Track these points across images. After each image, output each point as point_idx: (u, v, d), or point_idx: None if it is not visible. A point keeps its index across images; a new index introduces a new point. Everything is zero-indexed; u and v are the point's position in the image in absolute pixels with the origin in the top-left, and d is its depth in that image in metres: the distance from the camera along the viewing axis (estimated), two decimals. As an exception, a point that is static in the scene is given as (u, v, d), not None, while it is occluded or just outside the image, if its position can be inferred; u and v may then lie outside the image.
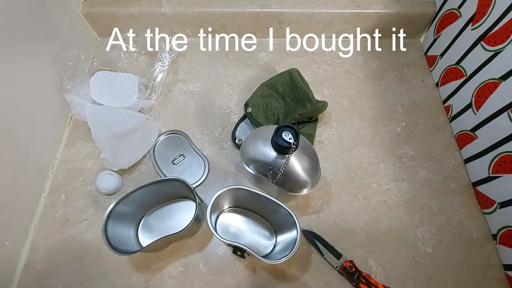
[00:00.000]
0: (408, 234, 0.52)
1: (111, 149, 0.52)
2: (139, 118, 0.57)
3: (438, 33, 0.65)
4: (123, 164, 0.55)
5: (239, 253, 0.48)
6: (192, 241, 0.51)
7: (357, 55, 0.71)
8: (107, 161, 0.53)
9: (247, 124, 0.61)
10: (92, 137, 0.55)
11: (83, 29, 0.69)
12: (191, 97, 0.65)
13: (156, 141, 0.59)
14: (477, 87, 0.53)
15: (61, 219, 0.54)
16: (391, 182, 0.57)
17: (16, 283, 0.49)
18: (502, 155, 0.49)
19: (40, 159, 0.57)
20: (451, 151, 0.59)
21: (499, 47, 0.49)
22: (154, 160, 0.57)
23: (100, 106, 0.57)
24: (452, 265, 0.50)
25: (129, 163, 0.56)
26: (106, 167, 0.55)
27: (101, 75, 0.60)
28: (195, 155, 0.58)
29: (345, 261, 0.49)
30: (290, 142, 0.40)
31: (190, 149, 0.58)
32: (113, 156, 0.53)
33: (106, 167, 0.55)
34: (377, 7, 0.67)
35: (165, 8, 0.67)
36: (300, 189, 0.46)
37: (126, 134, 0.54)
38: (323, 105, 0.56)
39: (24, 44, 0.51)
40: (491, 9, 0.50)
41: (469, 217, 0.54)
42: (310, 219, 0.53)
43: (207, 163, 0.57)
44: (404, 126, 0.62)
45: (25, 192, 0.53)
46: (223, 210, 0.52)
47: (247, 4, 0.67)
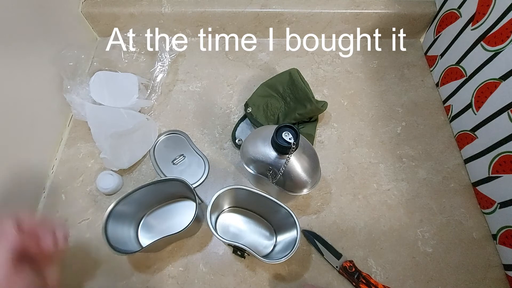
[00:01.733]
0: (408, 234, 0.52)
1: (111, 149, 0.52)
2: (139, 118, 0.57)
3: (438, 33, 0.65)
4: (123, 164, 0.55)
5: (239, 253, 0.48)
6: (192, 241, 0.51)
7: (357, 55, 0.71)
8: (107, 161, 0.53)
9: (247, 124, 0.61)
10: (92, 137, 0.55)
11: (83, 29, 0.69)
12: (191, 97, 0.66)
13: (156, 141, 0.59)
14: (477, 87, 0.53)
15: (61, 219, 0.54)
16: (391, 182, 0.57)
17: (16, 283, 0.49)
18: (502, 155, 0.49)
19: (40, 159, 0.57)
20: (451, 151, 0.59)
21: (499, 47, 0.49)
22: (154, 160, 0.57)
23: (100, 106, 0.57)
24: (452, 265, 0.50)
25: (130, 163, 0.56)
26: (106, 167, 0.55)
27: (101, 75, 0.60)
28: (195, 155, 0.58)
29: (345, 261, 0.49)
30: (290, 142, 0.40)
31: (190, 149, 0.58)
32: (113, 156, 0.53)
33: (106, 167, 0.55)
34: (377, 7, 0.67)
35: (165, 8, 0.67)
36: (300, 189, 0.46)
37: (126, 134, 0.54)
38: (323, 105, 0.56)
39: (24, 44, 0.51)
40: (491, 9, 0.50)
41: (469, 217, 0.54)
42: (310, 219, 0.53)
43: (207, 163, 0.57)
44: (404, 126, 0.62)
45: (25, 192, 0.53)
46: (223, 210, 0.52)
47: (247, 4, 0.67)
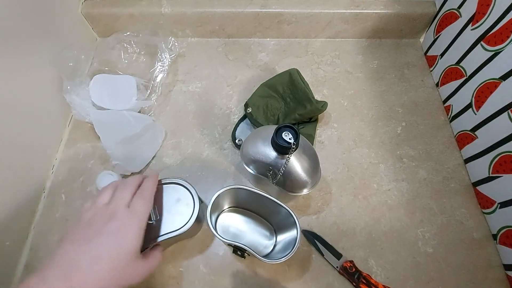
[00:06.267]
0: (409, 234, 0.52)
1: (123, 155, 0.53)
2: (145, 120, 0.57)
3: (438, 33, 0.65)
4: (135, 167, 0.56)
5: (239, 253, 0.48)
6: (192, 242, 0.51)
7: (357, 55, 0.71)
8: (120, 167, 0.54)
9: (247, 124, 0.61)
10: (102, 145, 0.55)
11: (83, 29, 0.69)
12: (191, 97, 0.66)
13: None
14: (477, 87, 0.53)
15: (61, 219, 0.54)
16: (391, 182, 0.56)
17: (16, 283, 0.49)
18: (502, 155, 0.48)
19: (40, 159, 0.57)
20: (451, 151, 0.59)
21: (499, 47, 0.49)
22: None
23: (104, 111, 0.58)
24: (453, 265, 0.50)
25: (141, 166, 0.57)
26: (120, 173, 0.55)
27: (99, 79, 0.60)
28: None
29: (345, 261, 0.49)
30: (290, 142, 0.40)
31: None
32: (126, 161, 0.53)
33: (119, 173, 0.55)
34: (377, 7, 0.67)
35: (165, 8, 0.67)
36: (300, 189, 0.46)
37: (135, 138, 0.54)
38: (323, 105, 0.56)
39: (24, 44, 0.51)
40: (491, 9, 0.50)
41: (470, 217, 0.54)
42: (310, 219, 0.53)
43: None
44: (404, 126, 0.62)
45: (25, 192, 0.53)
46: (223, 210, 0.52)
47: (247, 4, 0.67)
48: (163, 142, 0.60)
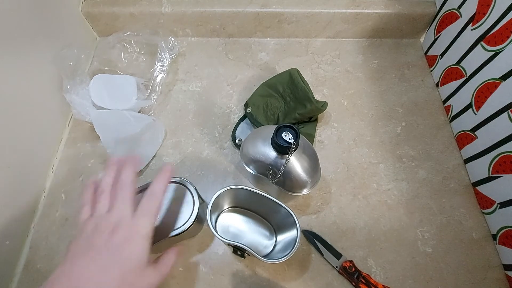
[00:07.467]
0: (408, 234, 0.52)
1: (123, 154, 0.53)
2: (145, 120, 0.57)
3: (438, 33, 0.65)
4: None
5: (239, 253, 0.48)
6: (192, 241, 0.51)
7: (357, 55, 0.71)
8: None
9: (247, 124, 0.61)
10: (102, 144, 0.55)
11: (83, 29, 0.69)
12: (191, 97, 0.66)
13: None
14: (477, 87, 0.53)
15: (61, 219, 0.54)
16: (391, 182, 0.57)
17: (16, 282, 0.49)
18: (502, 155, 0.49)
19: (40, 159, 0.57)
20: (451, 151, 0.59)
21: (499, 47, 0.49)
22: None
23: (104, 111, 0.58)
24: (452, 265, 0.50)
25: (142, 165, 0.57)
26: None
27: (100, 78, 0.60)
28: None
29: (345, 261, 0.49)
30: (290, 142, 0.40)
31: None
32: None
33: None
34: (377, 7, 0.67)
35: (165, 7, 0.67)
36: (300, 189, 0.46)
37: (135, 137, 0.54)
38: (323, 105, 0.56)
39: (24, 44, 0.51)
40: (491, 9, 0.50)
41: (469, 217, 0.54)
42: (310, 219, 0.53)
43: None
44: (404, 126, 0.62)
45: (25, 192, 0.53)
46: (223, 210, 0.52)
47: (247, 4, 0.67)
48: (163, 141, 0.60)
